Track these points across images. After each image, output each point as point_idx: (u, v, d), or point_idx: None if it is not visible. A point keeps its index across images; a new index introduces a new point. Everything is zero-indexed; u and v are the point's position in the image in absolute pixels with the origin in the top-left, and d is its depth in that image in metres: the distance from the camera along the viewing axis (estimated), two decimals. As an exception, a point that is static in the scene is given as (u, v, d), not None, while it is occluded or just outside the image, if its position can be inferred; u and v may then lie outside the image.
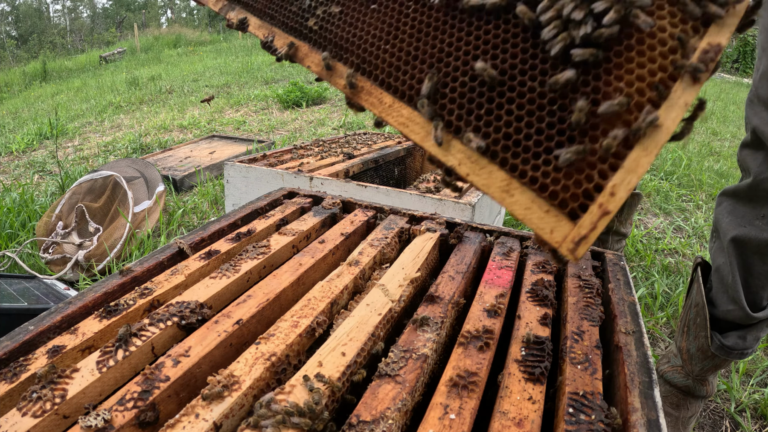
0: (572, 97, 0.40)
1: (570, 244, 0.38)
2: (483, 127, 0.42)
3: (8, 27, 30.99)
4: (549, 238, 0.39)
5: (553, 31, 0.41)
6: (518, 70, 0.42)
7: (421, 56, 0.47)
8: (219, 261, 0.89)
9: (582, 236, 0.37)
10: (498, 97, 0.43)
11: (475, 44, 0.45)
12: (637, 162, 0.36)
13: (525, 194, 0.40)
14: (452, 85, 0.45)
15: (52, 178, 2.93)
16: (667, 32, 0.40)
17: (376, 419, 0.53)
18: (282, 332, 0.67)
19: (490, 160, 0.42)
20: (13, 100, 7.34)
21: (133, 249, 1.94)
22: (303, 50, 0.56)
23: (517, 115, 0.41)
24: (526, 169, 0.40)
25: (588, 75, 0.40)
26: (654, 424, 0.54)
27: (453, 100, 0.44)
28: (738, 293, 1.13)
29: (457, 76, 0.45)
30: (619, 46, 0.40)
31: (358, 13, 0.53)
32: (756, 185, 1.10)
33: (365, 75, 0.51)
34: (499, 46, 0.44)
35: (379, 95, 0.49)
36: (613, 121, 0.38)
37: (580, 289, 0.82)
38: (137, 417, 0.54)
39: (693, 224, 2.65)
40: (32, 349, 0.65)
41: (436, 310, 0.74)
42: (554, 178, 0.39)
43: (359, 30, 0.53)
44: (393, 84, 0.49)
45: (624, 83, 0.39)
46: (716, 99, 7.26)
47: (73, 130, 4.45)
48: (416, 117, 0.46)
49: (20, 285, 1.52)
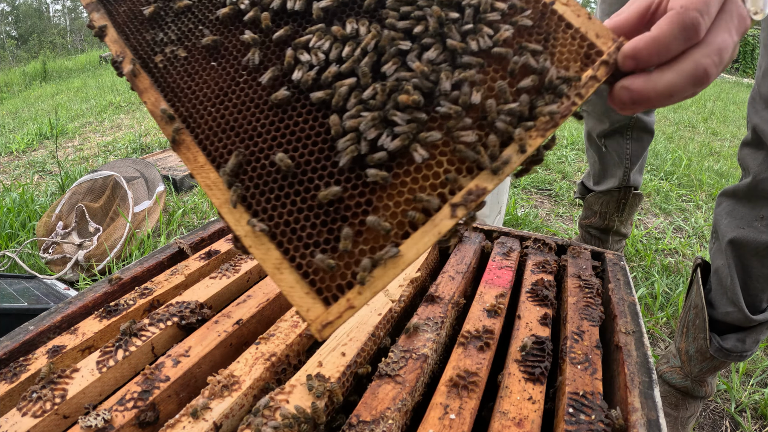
0: (341, 210, 0.45)
1: (319, 326, 0.43)
2: (270, 210, 0.47)
3: (8, 27, 30.99)
4: (305, 315, 0.44)
5: (347, 143, 0.46)
6: (311, 168, 0.47)
7: (237, 129, 0.50)
8: (219, 261, 0.89)
9: (328, 321, 0.43)
10: (288, 187, 0.47)
11: (283, 132, 0.49)
12: (381, 278, 0.42)
13: (292, 275, 0.45)
14: (254, 165, 0.49)
15: (52, 178, 2.93)
16: (443, 168, 0.45)
17: (376, 419, 0.53)
18: (282, 332, 0.67)
19: (269, 239, 0.46)
20: (13, 100, 7.34)
21: (133, 249, 1.94)
22: (144, 83, 0.56)
23: (299, 207, 0.46)
24: (295, 256, 0.45)
25: (365, 190, 0.45)
26: (654, 424, 0.54)
27: (251, 178, 0.48)
28: (737, 295, 1.13)
29: (260, 157, 0.49)
30: (399, 169, 0.45)
31: (199, 66, 0.55)
32: (755, 185, 1.10)
33: (189, 130, 0.53)
34: (302, 141, 0.48)
35: (195, 153, 0.52)
36: (373, 238, 0.44)
37: (580, 289, 0.82)
38: (137, 417, 0.54)
39: (693, 224, 2.65)
40: (32, 349, 0.65)
41: (436, 310, 0.74)
42: (315, 269, 0.44)
43: (195, 84, 0.54)
44: (208, 147, 0.51)
45: (393, 203, 0.44)
46: (716, 99, 7.26)
47: (73, 130, 4.45)
48: (220, 183, 0.49)
49: (20, 285, 1.52)
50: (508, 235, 1.03)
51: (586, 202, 1.88)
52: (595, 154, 1.75)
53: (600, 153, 1.71)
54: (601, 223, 1.84)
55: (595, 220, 1.85)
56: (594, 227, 1.88)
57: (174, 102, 0.54)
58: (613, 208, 1.80)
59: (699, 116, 5.62)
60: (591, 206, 1.85)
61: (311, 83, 0.50)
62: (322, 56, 0.50)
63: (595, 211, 1.83)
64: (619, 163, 1.68)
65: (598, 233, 1.89)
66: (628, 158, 1.67)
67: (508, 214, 2.45)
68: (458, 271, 0.86)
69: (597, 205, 1.82)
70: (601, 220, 1.83)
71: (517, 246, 0.98)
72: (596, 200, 1.82)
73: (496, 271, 0.87)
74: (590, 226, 1.89)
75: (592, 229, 1.89)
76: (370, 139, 0.46)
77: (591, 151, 1.77)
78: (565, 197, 2.97)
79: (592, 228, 1.89)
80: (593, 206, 1.84)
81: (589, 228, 1.90)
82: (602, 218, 1.82)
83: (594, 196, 1.82)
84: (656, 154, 3.83)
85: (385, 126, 0.46)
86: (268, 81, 0.51)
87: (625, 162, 1.67)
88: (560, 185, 3.11)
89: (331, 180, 0.46)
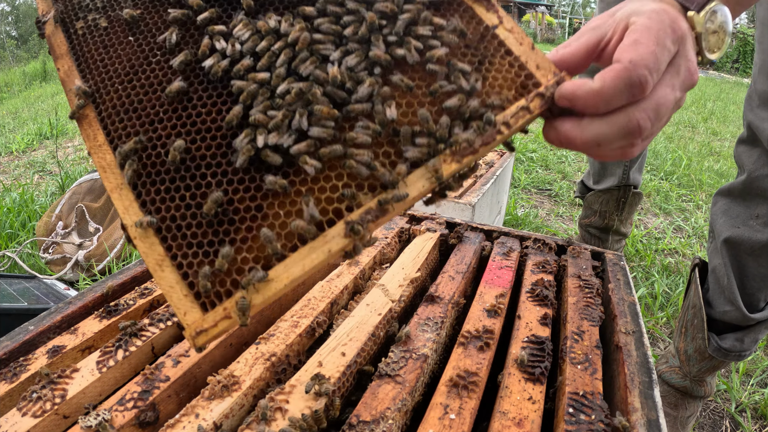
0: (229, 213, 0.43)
1: (193, 332, 0.41)
2: (158, 203, 0.44)
3: (8, 27, 30.99)
4: (182, 319, 0.42)
5: (245, 140, 0.43)
6: (205, 164, 0.44)
7: (141, 112, 0.47)
8: (219, 261, 0.89)
9: (203, 329, 0.41)
10: (179, 181, 0.44)
11: (185, 121, 0.46)
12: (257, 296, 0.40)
13: (173, 274, 0.42)
14: (150, 152, 0.46)
15: (52, 178, 2.93)
16: (342, 182, 0.42)
17: (376, 419, 0.53)
18: (282, 332, 0.67)
19: (154, 233, 0.44)
20: (13, 100, 7.34)
21: (133, 249, 1.94)
22: (62, 49, 0.53)
23: (187, 203, 0.43)
24: (177, 254, 0.43)
25: (257, 195, 0.43)
26: (654, 424, 0.54)
27: (145, 166, 0.46)
28: (734, 294, 1.13)
29: (157, 145, 0.46)
30: (297, 177, 0.43)
31: (116, 39, 0.51)
32: (750, 182, 1.10)
33: (94, 105, 0.50)
34: (202, 133, 0.45)
35: (96, 131, 0.49)
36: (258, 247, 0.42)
37: (580, 289, 0.82)
38: (137, 417, 0.54)
39: (693, 224, 2.65)
40: (32, 349, 0.65)
41: (436, 310, 0.74)
42: (195, 272, 0.42)
43: (108, 57, 0.51)
44: (109, 127, 0.48)
45: (284, 213, 0.42)
46: (716, 99, 7.25)
47: (73, 130, 4.45)
48: (114, 166, 0.47)
49: (20, 285, 1.52)
50: (508, 235, 1.03)
51: (586, 201, 1.88)
52: None
53: None
54: (600, 222, 1.84)
55: (594, 219, 1.85)
56: (594, 226, 1.88)
57: (85, 73, 0.51)
58: (613, 207, 1.80)
59: (699, 116, 5.62)
60: (591, 205, 1.85)
61: (221, 74, 0.47)
62: (239, 47, 0.47)
63: (595, 210, 1.84)
64: (618, 161, 1.69)
65: (598, 232, 1.89)
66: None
67: (508, 214, 2.45)
68: (458, 271, 0.86)
69: (597, 204, 1.83)
70: (600, 219, 1.84)
71: (517, 246, 0.98)
72: (596, 199, 1.82)
73: (496, 271, 0.87)
74: (590, 225, 1.89)
75: (592, 228, 1.89)
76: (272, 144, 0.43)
77: None
78: (565, 197, 2.97)
79: (591, 227, 1.89)
80: (593, 205, 1.84)
81: (588, 227, 1.90)
82: (602, 217, 1.83)
83: (594, 194, 1.83)
84: (656, 154, 3.82)
85: (286, 130, 0.44)
86: (179, 65, 0.48)
87: (624, 161, 1.68)
88: (560, 185, 3.11)
89: (224, 179, 0.44)
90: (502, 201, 2.08)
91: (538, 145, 3.86)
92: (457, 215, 1.31)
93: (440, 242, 1.00)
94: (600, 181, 1.82)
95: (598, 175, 1.83)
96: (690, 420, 1.29)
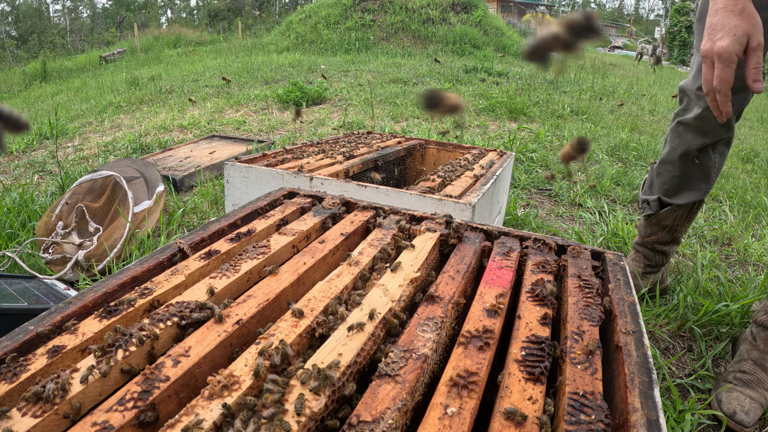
0: None
1: None
2: None
3: (8, 27, 30.97)
4: None
5: None
6: None
7: None
8: (219, 261, 0.89)
9: None
10: None
11: None
12: None
13: None
14: None
15: (52, 178, 2.93)
16: None
17: (376, 419, 0.53)
18: (282, 332, 0.67)
19: None
20: (13, 100, 7.34)
21: (133, 249, 1.94)
22: None
23: None
24: None
25: None
26: (654, 424, 0.54)
27: None
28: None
29: None
30: None
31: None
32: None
33: None
34: None
35: None
36: None
37: (580, 289, 0.82)
38: (137, 417, 0.54)
39: (693, 224, 2.65)
40: (32, 349, 0.65)
41: (436, 310, 0.74)
42: None
43: None
44: None
45: None
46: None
47: (73, 130, 4.45)
48: None
49: (20, 285, 1.52)
50: (508, 235, 1.03)
51: (657, 218, 1.80)
52: (676, 169, 1.69)
53: (684, 168, 1.67)
54: (669, 237, 1.81)
55: (662, 235, 1.81)
56: (661, 242, 1.84)
57: None
58: (684, 220, 1.78)
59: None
60: (661, 221, 1.79)
61: None
62: None
63: (665, 225, 1.79)
64: (704, 176, 1.67)
65: (664, 247, 1.85)
66: (716, 170, 1.68)
67: (508, 214, 2.45)
68: (458, 271, 0.86)
69: (670, 219, 1.77)
70: (669, 234, 1.80)
71: (517, 246, 0.98)
72: (670, 214, 1.77)
73: (496, 271, 0.87)
74: (657, 242, 1.84)
75: (658, 244, 1.85)
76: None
77: (670, 167, 1.71)
78: (565, 197, 2.97)
79: (658, 244, 1.85)
80: (664, 221, 1.79)
81: (655, 244, 1.85)
82: (671, 232, 1.79)
83: (669, 210, 1.76)
84: (656, 154, 3.82)
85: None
86: None
87: (713, 174, 1.68)
88: (560, 185, 3.11)
89: None
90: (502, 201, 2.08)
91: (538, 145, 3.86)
92: (457, 215, 1.31)
93: (440, 242, 1.00)
94: (676, 195, 1.76)
95: (674, 190, 1.75)
96: None
